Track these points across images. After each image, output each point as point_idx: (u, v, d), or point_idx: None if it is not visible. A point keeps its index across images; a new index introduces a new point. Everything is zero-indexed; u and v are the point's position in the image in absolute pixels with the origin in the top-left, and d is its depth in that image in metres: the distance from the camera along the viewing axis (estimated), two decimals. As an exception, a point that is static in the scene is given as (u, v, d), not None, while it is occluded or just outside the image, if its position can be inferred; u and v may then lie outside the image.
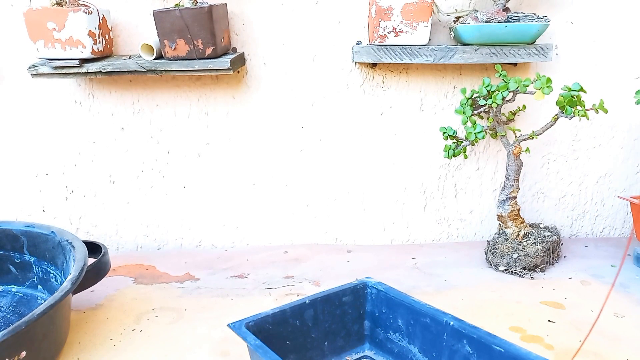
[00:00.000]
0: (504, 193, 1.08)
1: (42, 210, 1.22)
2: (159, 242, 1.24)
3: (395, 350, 0.67)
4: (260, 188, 1.21)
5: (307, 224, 1.23)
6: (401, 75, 1.14)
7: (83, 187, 1.20)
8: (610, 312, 0.89)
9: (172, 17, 0.96)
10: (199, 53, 0.99)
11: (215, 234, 1.23)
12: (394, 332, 0.68)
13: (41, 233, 0.93)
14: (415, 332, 0.67)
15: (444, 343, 0.64)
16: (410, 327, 0.67)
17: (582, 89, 0.94)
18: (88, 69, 1.01)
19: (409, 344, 0.67)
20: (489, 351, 0.60)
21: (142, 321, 0.88)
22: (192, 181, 1.20)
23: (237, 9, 1.10)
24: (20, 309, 0.91)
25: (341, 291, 0.66)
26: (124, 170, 1.19)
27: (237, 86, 1.14)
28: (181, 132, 1.17)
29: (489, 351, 0.60)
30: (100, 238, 1.23)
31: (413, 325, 0.67)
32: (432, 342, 0.65)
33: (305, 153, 1.18)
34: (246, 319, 0.63)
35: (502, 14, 1.01)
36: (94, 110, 1.16)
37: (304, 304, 0.60)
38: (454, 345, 0.63)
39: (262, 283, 1.02)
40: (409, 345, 0.67)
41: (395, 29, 1.00)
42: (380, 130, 1.17)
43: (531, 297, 0.95)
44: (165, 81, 1.14)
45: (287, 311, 0.62)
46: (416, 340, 0.66)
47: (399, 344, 0.67)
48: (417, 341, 0.66)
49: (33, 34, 0.98)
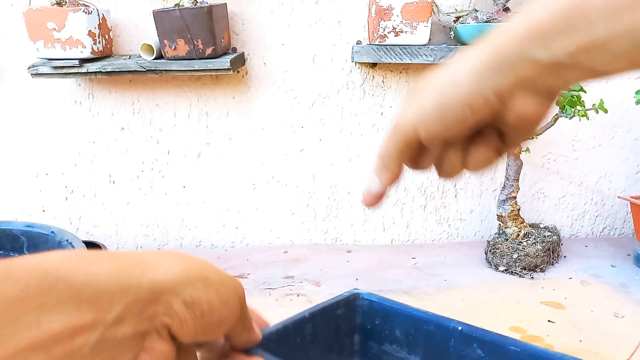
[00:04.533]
0: (504, 193, 1.08)
1: (42, 210, 1.22)
2: (159, 242, 1.24)
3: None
4: (260, 188, 1.21)
5: (307, 224, 1.23)
6: (401, 75, 1.13)
7: (83, 187, 1.20)
8: (610, 312, 0.89)
9: (172, 17, 0.96)
10: (199, 53, 0.99)
11: (215, 234, 1.23)
12: (391, 344, 0.67)
13: (41, 233, 0.93)
14: (416, 341, 0.66)
15: (451, 350, 0.63)
16: (411, 337, 0.66)
17: (582, 89, 0.94)
18: (88, 68, 1.01)
19: (408, 354, 0.66)
20: (504, 352, 0.60)
21: (142, 321, 0.87)
22: (192, 181, 1.20)
23: (237, 9, 1.10)
24: (20, 309, 0.91)
25: (335, 303, 0.65)
26: (124, 170, 1.19)
27: (237, 86, 1.14)
28: (181, 132, 1.17)
29: (504, 352, 0.60)
30: (100, 238, 1.23)
31: (414, 334, 0.66)
32: (437, 350, 0.64)
33: (305, 153, 1.18)
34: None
35: (502, 14, 1.01)
36: (93, 110, 1.16)
37: (304, 317, 0.59)
38: (463, 351, 0.62)
39: (262, 283, 1.02)
40: (409, 355, 0.66)
41: (395, 28, 1.00)
42: (380, 130, 1.17)
43: (531, 297, 0.95)
44: (165, 81, 1.14)
45: (289, 327, 0.61)
46: (418, 350, 0.65)
47: (396, 355, 0.67)
48: (419, 350, 0.65)
49: (33, 34, 0.98)
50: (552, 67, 0.30)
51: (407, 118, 0.36)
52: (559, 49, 0.29)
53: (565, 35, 0.28)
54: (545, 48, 0.29)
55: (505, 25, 0.32)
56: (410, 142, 0.37)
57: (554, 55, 0.29)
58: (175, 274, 0.29)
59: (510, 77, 0.31)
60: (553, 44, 0.29)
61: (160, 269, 0.29)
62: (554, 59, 0.30)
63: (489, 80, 0.32)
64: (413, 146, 0.37)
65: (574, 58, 0.29)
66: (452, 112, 0.34)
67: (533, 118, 0.33)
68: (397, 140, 0.37)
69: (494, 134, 0.36)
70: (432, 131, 0.35)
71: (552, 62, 0.30)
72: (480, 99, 0.32)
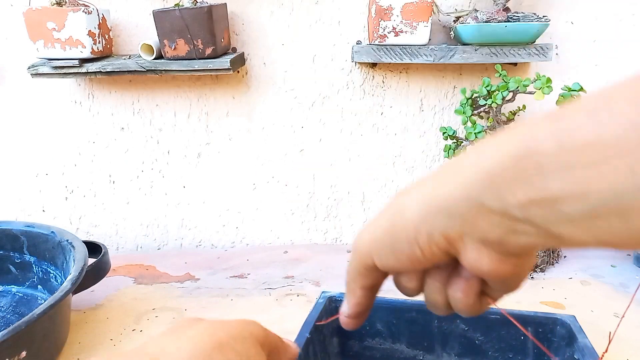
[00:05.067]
0: (504, 193, 1.08)
1: (42, 210, 1.22)
2: (159, 242, 1.24)
3: (378, 356, 0.67)
4: (260, 188, 1.21)
5: (307, 224, 1.23)
6: (401, 75, 1.13)
7: (83, 187, 1.20)
8: (610, 312, 0.89)
9: (172, 17, 0.96)
10: (198, 53, 0.99)
11: (215, 234, 1.23)
12: (373, 338, 0.67)
13: (41, 233, 0.93)
14: (399, 330, 0.66)
15: (435, 330, 0.64)
16: (393, 327, 0.66)
17: (582, 89, 0.94)
18: (88, 68, 1.01)
19: (393, 344, 0.66)
20: (486, 321, 0.61)
21: (142, 321, 0.88)
22: (192, 181, 1.20)
23: (237, 9, 1.10)
24: (20, 309, 0.91)
25: (319, 314, 0.64)
26: (124, 170, 1.19)
27: (237, 86, 1.14)
28: (181, 132, 1.17)
29: (486, 321, 0.61)
30: (100, 238, 1.23)
31: (396, 324, 0.66)
32: (422, 334, 0.65)
33: (305, 153, 1.18)
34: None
35: (502, 14, 1.01)
36: (93, 110, 1.16)
37: (308, 339, 0.58)
38: (447, 328, 0.63)
39: (262, 283, 1.02)
40: (394, 344, 0.66)
41: (395, 28, 1.00)
42: (380, 130, 1.17)
43: (531, 297, 0.95)
44: (165, 81, 1.14)
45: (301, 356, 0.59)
46: (402, 338, 0.66)
47: (381, 347, 0.67)
48: (403, 338, 0.66)
49: (33, 34, 0.98)
50: (503, 218, 0.26)
51: (364, 242, 0.34)
52: (510, 199, 0.25)
53: (516, 185, 0.25)
54: (495, 196, 0.26)
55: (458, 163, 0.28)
56: (368, 267, 0.34)
57: (504, 206, 0.26)
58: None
59: (458, 221, 0.28)
60: (503, 192, 0.25)
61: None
62: (504, 210, 0.26)
63: (436, 221, 0.29)
64: (372, 271, 0.34)
65: (525, 211, 0.25)
66: (401, 247, 0.31)
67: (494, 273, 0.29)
68: (357, 265, 0.35)
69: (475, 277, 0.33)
70: (385, 262, 0.33)
71: (502, 212, 0.26)
72: (427, 239, 0.30)
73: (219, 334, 0.31)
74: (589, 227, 0.23)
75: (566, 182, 0.23)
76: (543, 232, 0.26)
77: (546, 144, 0.24)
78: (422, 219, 0.29)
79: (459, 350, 0.64)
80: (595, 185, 0.22)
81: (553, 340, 0.61)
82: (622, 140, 0.21)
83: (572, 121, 0.23)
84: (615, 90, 0.23)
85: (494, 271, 0.29)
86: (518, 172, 0.25)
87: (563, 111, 0.24)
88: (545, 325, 0.61)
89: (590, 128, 0.22)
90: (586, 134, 0.22)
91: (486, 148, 0.27)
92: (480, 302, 0.34)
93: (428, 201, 0.29)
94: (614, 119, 0.21)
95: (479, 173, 0.26)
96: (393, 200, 0.33)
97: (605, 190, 0.22)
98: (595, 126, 0.22)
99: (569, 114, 0.24)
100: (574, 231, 0.24)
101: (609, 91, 0.23)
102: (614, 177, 0.21)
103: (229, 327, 0.32)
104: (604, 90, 0.23)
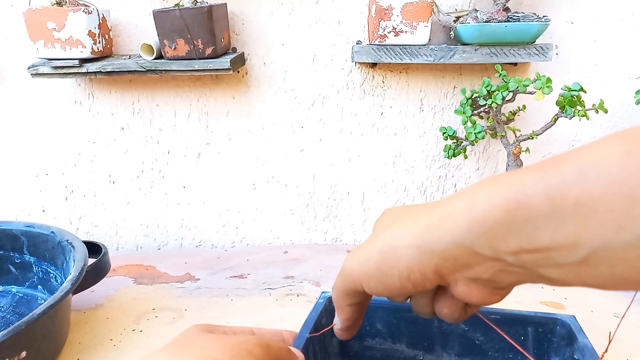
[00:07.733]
0: (504, 193, 1.08)
1: (42, 210, 1.22)
2: (159, 242, 1.24)
3: (378, 356, 0.67)
4: (260, 188, 1.21)
5: (307, 224, 1.23)
6: (401, 75, 1.14)
7: (83, 187, 1.20)
8: (610, 312, 0.89)
9: (172, 17, 0.96)
10: (199, 53, 0.99)
11: (215, 234, 1.23)
12: (373, 338, 0.68)
13: (41, 233, 0.93)
14: (399, 330, 0.66)
15: (435, 330, 0.64)
16: (393, 327, 0.66)
17: (582, 89, 0.94)
18: (88, 68, 1.01)
19: (393, 344, 0.66)
20: (485, 322, 0.61)
21: (142, 321, 0.88)
22: (192, 181, 1.20)
23: (237, 9, 1.10)
24: (20, 309, 0.91)
25: (319, 314, 0.64)
26: (124, 170, 1.19)
27: (237, 86, 1.14)
28: (181, 132, 1.17)
29: (485, 322, 0.61)
30: (100, 238, 1.23)
31: (396, 324, 0.66)
32: (422, 334, 0.65)
33: (305, 153, 1.18)
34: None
35: (502, 14, 1.01)
36: (93, 110, 1.16)
37: (308, 339, 0.58)
38: (447, 328, 0.63)
39: (262, 283, 1.02)
40: (395, 344, 0.66)
41: (395, 28, 1.00)
42: (380, 130, 1.17)
43: (531, 297, 0.95)
44: (165, 81, 1.14)
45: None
46: (402, 338, 0.66)
47: (381, 347, 0.67)
48: (403, 338, 0.66)
49: (33, 34, 0.98)
50: (495, 262, 0.28)
51: (354, 270, 0.35)
52: (503, 248, 0.27)
53: (509, 236, 0.26)
54: (488, 245, 0.27)
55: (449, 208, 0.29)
56: (357, 291, 0.36)
57: (497, 254, 0.27)
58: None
59: (451, 263, 0.30)
60: (496, 242, 0.27)
61: None
62: (497, 256, 0.28)
63: (428, 258, 0.30)
64: (360, 293, 0.36)
65: (517, 258, 0.27)
66: (393, 282, 0.32)
67: (482, 303, 0.32)
68: (345, 287, 0.37)
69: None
70: (375, 290, 0.34)
71: (494, 258, 0.28)
72: (420, 276, 0.31)
73: (215, 357, 0.31)
74: (577, 272, 0.25)
75: (557, 234, 0.25)
76: (532, 273, 0.28)
77: (537, 200, 0.25)
78: (415, 259, 0.31)
79: (459, 350, 0.64)
80: (585, 238, 0.24)
81: (553, 340, 0.61)
82: (609, 198, 0.23)
83: (562, 178, 0.25)
84: (600, 148, 0.24)
85: (482, 302, 0.32)
86: (511, 225, 0.26)
87: (552, 165, 0.26)
88: (545, 325, 0.61)
89: (580, 186, 0.24)
90: (576, 192, 0.24)
91: (477, 198, 0.28)
92: (465, 312, 0.36)
93: (420, 243, 0.30)
94: (602, 178, 0.23)
95: (472, 223, 0.27)
96: (384, 230, 0.34)
97: (594, 243, 0.24)
98: (584, 184, 0.24)
99: (559, 170, 0.25)
100: (561, 274, 0.26)
101: (595, 149, 0.25)
102: (602, 231, 0.23)
103: (226, 346, 0.32)
104: (590, 147, 0.25)
